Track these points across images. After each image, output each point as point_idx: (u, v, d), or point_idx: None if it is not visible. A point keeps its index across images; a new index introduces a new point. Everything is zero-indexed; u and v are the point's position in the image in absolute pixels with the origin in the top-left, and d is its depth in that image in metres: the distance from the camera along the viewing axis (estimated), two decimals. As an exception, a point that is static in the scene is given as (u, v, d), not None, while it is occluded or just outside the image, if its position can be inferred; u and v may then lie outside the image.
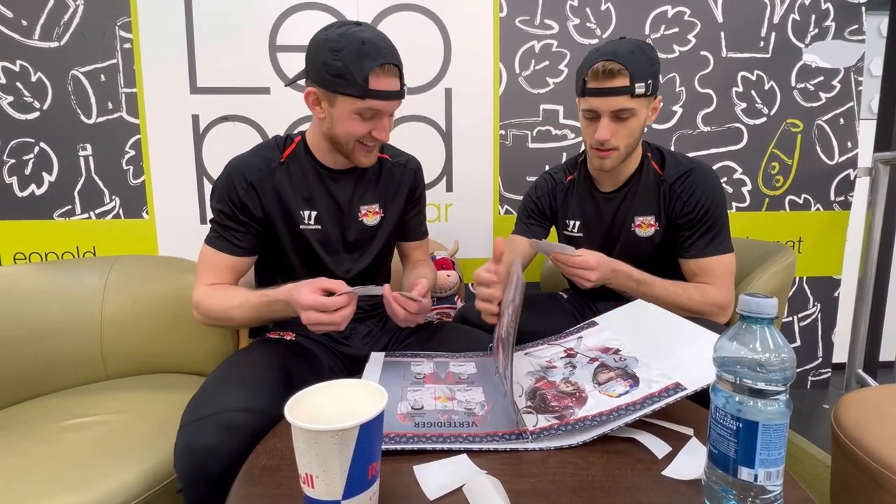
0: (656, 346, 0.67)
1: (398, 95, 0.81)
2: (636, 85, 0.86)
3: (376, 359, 0.82)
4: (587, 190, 1.05)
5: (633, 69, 0.85)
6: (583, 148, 1.45)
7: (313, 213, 0.89)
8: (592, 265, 0.85)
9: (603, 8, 1.50)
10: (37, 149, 1.43)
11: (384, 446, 0.52)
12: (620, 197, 1.00)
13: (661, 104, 0.98)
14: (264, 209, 0.86)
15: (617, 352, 0.70)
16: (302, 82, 0.83)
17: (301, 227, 0.88)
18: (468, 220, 1.56)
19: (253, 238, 0.87)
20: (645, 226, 0.98)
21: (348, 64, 0.75)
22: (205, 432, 0.60)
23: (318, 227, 0.89)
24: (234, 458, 0.57)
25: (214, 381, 0.70)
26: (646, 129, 0.95)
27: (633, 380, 0.62)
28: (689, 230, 0.94)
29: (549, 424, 0.57)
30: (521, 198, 1.57)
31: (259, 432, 0.61)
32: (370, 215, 0.94)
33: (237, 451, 0.58)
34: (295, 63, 1.46)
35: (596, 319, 0.82)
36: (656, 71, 0.89)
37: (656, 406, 0.55)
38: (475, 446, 0.54)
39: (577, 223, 1.06)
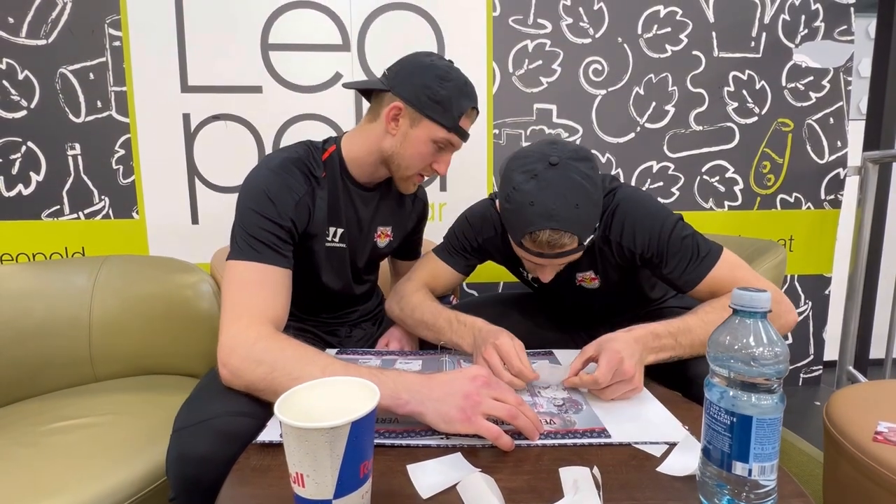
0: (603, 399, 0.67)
1: (468, 137, 0.85)
2: (585, 243, 0.74)
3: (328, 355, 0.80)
4: None
5: (581, 231, 0.71)
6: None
7: (339, 231, 0.85)
8: (629, 371, 0.62)
9: (595, 7, 1.50)
10: (24, 148, 1.41)
11: (377, 441, 0.52)
12: None
13: (653, 105, 0.92)
14: (307, 227, 0.80)
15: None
16: (348, 92, 0.81)
17: (327, 244, 0.84)
18: (462, 219, 1.56)
19: (292, 252, 0.76)
20: (588, 279, 0.91)
21: (452, 95, 0.79)
22: (199, 439, 0.56)
23: (343, 245, 0.86)
24: (231, 466, 0.53)
25: (210, 383, 0.65)
26: None
27: (576, 403, 0.65)
28: (663, 266, 0.79)
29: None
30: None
31: None
32: (383, 237, 0.93)
33: (235, 459, 0.53)
34: (288, 62, 1.45)
35: (555, 352, 0.85)
36: (601, 207, 0.75)
37: (573, 441, 0.55)
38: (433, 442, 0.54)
39: (531, 274, 0.91)
